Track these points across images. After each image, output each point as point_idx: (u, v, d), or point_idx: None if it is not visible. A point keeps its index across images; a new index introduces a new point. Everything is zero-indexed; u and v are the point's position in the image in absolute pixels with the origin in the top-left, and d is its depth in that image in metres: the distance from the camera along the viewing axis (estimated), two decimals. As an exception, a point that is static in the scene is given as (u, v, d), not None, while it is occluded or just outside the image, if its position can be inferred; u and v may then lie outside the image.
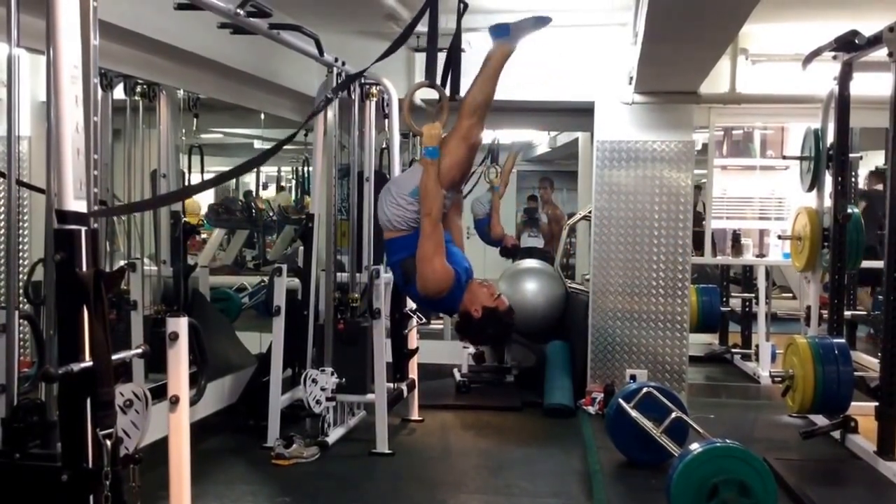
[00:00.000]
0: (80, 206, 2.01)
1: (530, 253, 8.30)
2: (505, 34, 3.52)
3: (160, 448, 2.69)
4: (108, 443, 2.06)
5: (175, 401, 2.57)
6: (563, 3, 5.41)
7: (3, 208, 4.49)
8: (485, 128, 3.65)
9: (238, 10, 3.56)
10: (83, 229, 2.01)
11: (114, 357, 2.11)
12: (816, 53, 5.12)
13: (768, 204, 7.53)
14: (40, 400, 2.51)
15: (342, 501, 4.19)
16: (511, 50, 3.55)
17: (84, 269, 2.01)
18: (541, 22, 3.52)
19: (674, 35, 4.37)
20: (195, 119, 5.96)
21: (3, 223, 4.47)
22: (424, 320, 6.08)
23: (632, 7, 5.08)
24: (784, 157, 6.98)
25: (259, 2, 3.66)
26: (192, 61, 4.42)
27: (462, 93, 3.65)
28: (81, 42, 2.06)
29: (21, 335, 2.72)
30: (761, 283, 7.21)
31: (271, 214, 9.21)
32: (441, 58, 3.67)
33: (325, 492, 4.27)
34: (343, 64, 4.87)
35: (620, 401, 4.63)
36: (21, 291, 3.19)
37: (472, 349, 6.70)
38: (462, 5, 3.67)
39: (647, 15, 3.95)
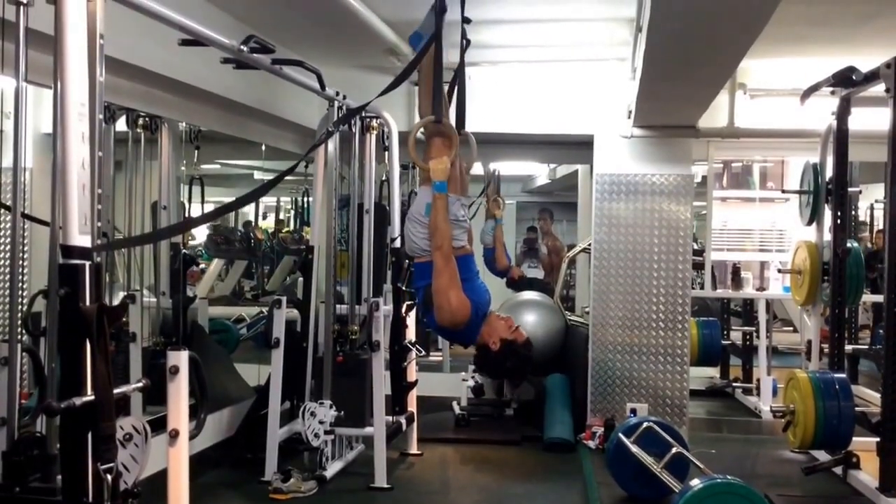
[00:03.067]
0: (84, 241, 2.02)
1: (530, 284, 8.30)
2: (417, 41, 3.83)
3: (158, 481, 2.67)
4: (109, 477, 2.05)
5: (175, 435, 2.56)
6: (562, 37, 5.46)
7: (6, 239, 4.50)
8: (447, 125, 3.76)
9: (242, 47, 3.60)
10: (87, 264, 2.02)
11: (115, 391, 2.10)
12: (814, 88, 5.17)
13: (769, 236, 7.54)
14: (40, 433, 2.50)
15: (341, 536, 4.16)
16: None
17: (87, 303, 2.01)
18: (434, 12, 3.75)
19: (672, 71, 4.41)
20: (196, 151, 5.99)
21: (4, 254, 4.50)
22: (424, 353, 6.06)
23: (630, 42, 5.14)
24: (783, 191, 7.01)
25: (262, 38, 3.70)
26: (195, 95, 4.46)
27: (467, 128, 3.72)
28: (88, 78, 2.08)
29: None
30: (762, 316, 7.20)
31: (270, 244, 9.23)
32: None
33: (323, 527, 4.23)
34: (344, 98, 4.90)
35: (621, 435, 4.60)
36: (20, 323, 3.19)
37: (471, 382, 6.66)
38: (465, 41, 3.72)
39: (646, 52, 3.98)
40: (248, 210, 9.52)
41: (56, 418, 2.21)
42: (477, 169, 8.61)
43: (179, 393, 2.54)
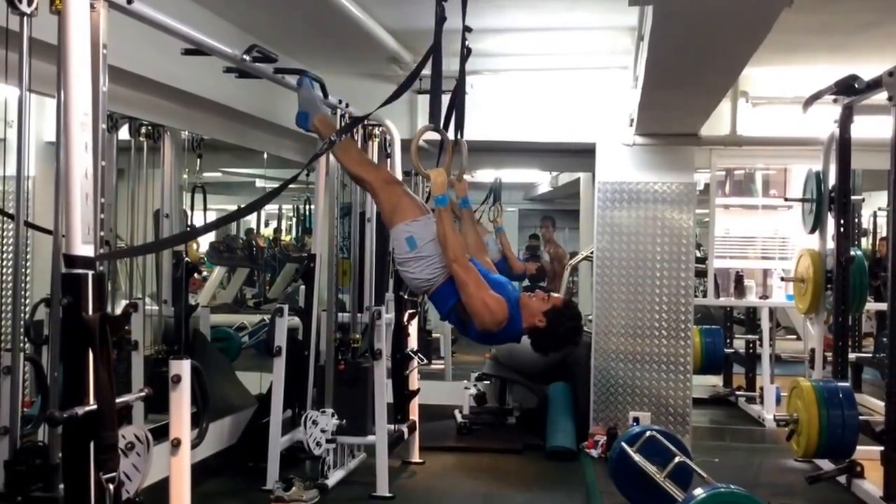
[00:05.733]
0: (87, 251, 2.02)
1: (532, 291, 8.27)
2: (304, 120, 3.93)
3: (159, 490, 2.66)
4: (111, 486, 2.05)
5: (177, 444, 2.55)
6: (564, 46, 5.47)
7: (10, 247, 4.50)
8: (382, 168, 3.95)
9: (244, 56, 3.60)
10: (90, 273, 2.02)
11: (117, 400, 2.10)
12: (817, 97, 5.17)
13: (771, 244, 7.53)
14: (42, 443, 2.50)
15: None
16: (322, 117, 3.95)
17: (90, 312, 2.01)
18: (303, 86, 3.95)
19: (674, 80, 4.42)
20: (198, 159, 5.99)
21: (7, 263, 4.50)
22: (426, 361, 6.04)
23: (632, 51, 5.14)
24: (786, 199, 7.00)
25: (264, 47, 3.71)
26: (198, 104, 4.47)
27: (465, 136, 3.72)
28: (91, 88, 2.09)
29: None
30: (765, 324, 7.18)
31: (272, 252, 9.23)
32: (444, 100, 3.70)
33: (325, 536, 4.22)
34: (347, 106, 4.91)
35: (623, 444, 4.58)
36: (23, 331, 3.19)
37: (473, 390, 6.65)
38: (466, 50, 3.72)
39: (647, 61, 3.98)
40: (250, 218, 9.53)
41: (58, 427, 2.21)
42: (484, 177, 8.62)
43: (182, 402, 2.54)
